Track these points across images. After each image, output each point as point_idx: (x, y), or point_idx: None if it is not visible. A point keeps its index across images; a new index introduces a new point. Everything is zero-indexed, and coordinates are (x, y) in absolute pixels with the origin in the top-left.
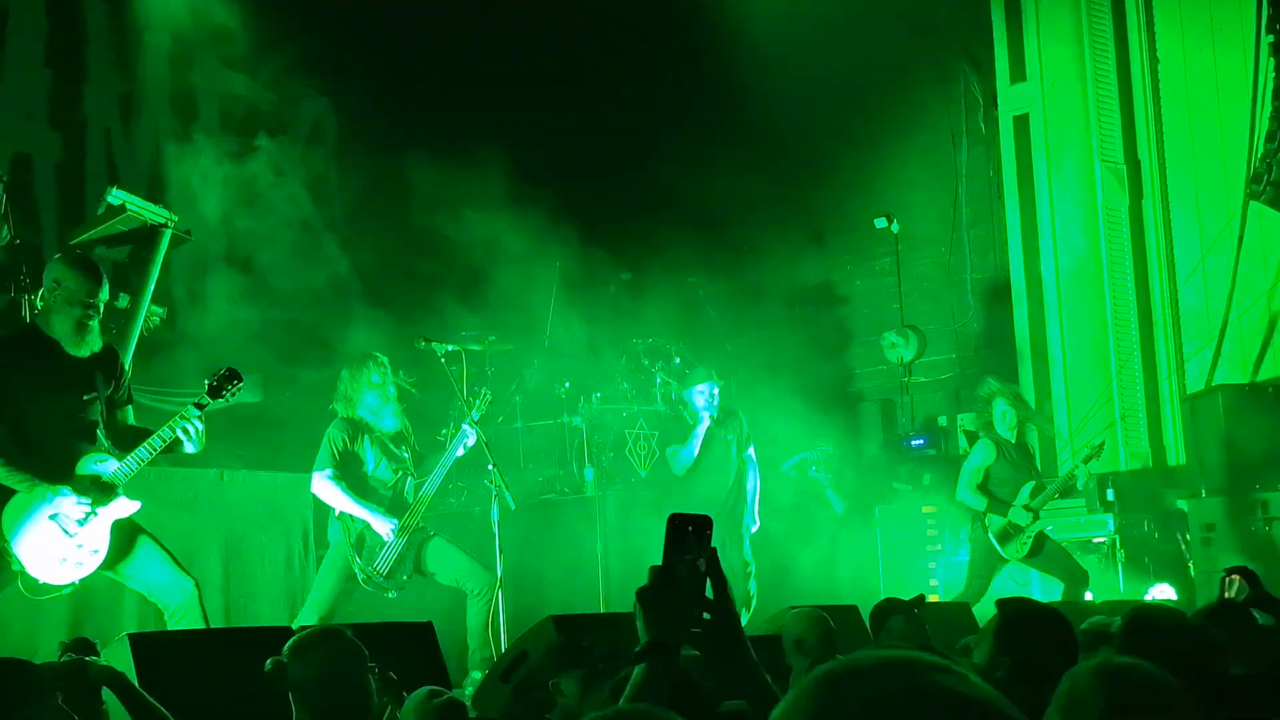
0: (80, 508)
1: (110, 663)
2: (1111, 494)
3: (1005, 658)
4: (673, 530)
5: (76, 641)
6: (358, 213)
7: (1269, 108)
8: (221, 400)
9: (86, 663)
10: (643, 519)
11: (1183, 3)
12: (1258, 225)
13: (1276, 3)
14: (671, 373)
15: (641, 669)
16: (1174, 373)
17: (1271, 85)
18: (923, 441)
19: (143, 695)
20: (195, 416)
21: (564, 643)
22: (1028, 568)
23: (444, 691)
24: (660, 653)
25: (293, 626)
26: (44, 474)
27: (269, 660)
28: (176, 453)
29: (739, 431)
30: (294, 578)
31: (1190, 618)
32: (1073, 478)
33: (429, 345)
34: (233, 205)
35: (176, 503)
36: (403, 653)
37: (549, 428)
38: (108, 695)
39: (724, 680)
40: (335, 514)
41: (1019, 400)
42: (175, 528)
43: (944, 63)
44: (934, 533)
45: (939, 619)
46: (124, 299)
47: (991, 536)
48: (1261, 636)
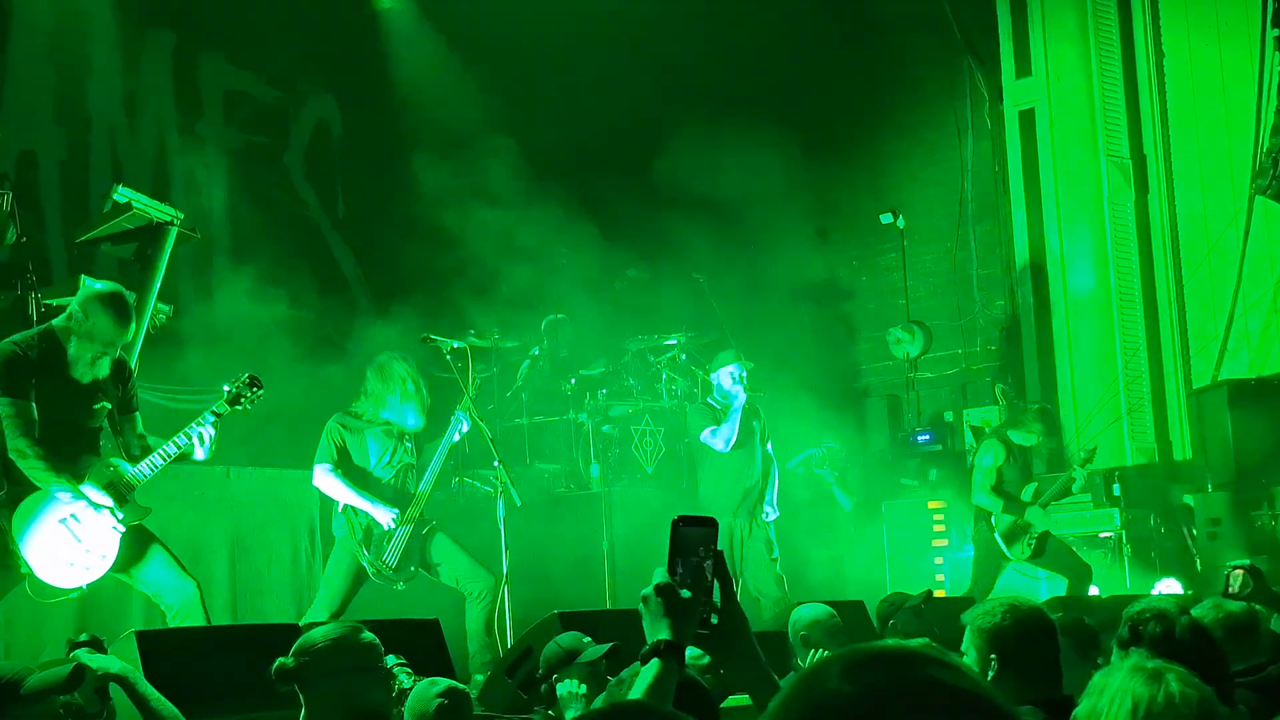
0: (97, 509)
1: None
2: (1118, 489)
3: (994, 657)
4: (677, 533)
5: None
6: (363, 208)
7: (1274, 102)
8: (239, 408)
9: (85, 668)
10: (648, 515)
11: None
12: (1263, 220)
13: None
14: (677, 369)
15: (649, 668)
16: (1180, 367)
17: (1277, 80)
18: (929, 437)
19: (151, 691)
20: (211, 423)
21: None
22: (1034, 565)
23: (447, 681)
24: (667, 653)
25: (300, 624)
26: (64, 476)
27: (279, 660)
28: (188, 458)
29: (762, 423)
30: (301, 574)
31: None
32: (1070, 480)
33: (433, 341)
34: (238, 202)
35: (183, 500)
36: (410, 649)
37: (554, 424)
38: (115, 691)
39: (730, 679)
40: (339, 509)
41: (1053, 434)
42: (182, 525)
43: (949, 58)
44: (941, 528)
45: (945, 614)
46: (130, 297)
47: (997, 536)
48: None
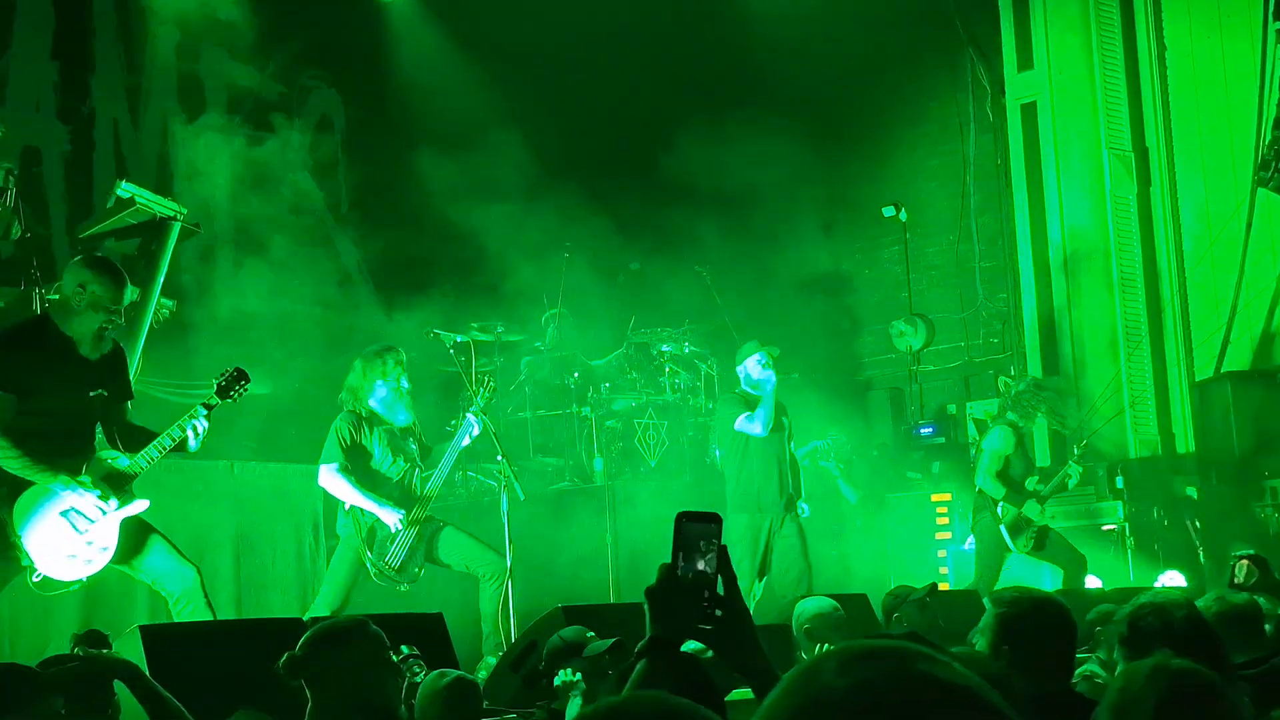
0: (96, 500)
1: (121, 655)
2: (1121, 481)
3: (1006, 647)
4: (681, 527)
5: (89, 634)
6: (366, 203)
7: (1276, 95)
8: (229, 400)
9: (89, 664)
10: (652, 508)
11: None
12: (1265, 212)
13: None
14: (680, 362)
15: (643, 664)
16: (1182, 360)
17: (1279, 73)
18: (932, 430)
19: (155, 687)
20: (203, 416)
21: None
22: (1038, 559)
23: (456, 672)
24: (661, 650)
25: (304, 619)
26: (61, 468)
27: (288, 653)
28: (180, 451)
29: (790, 421)
30: (305, 568)
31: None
32: (1066, 476)
33: (437, 336)
34: (241, 197)
35: (187, 494)
36: (414, 643)
37: (558, 418)
38: (120, 687)
39: (733, 674)
40: (344, 508)
41: (1060, 418)
42: (187, 519)
43: (951, 51)
44: (944, 521)
45: (950, 608)
46: (134, 292)
47: (1003, 527)
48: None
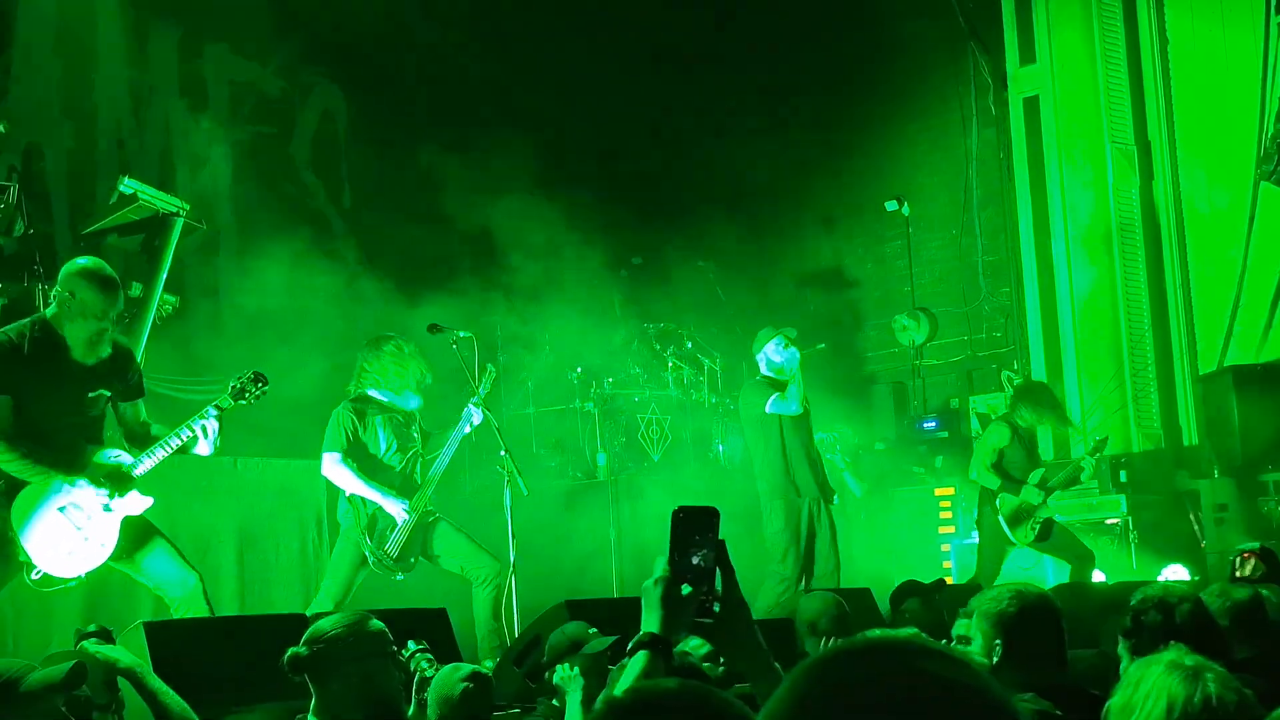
0: (98, 498)
1: (126, 650)
2: (1124, 475)
3: (998, 643)
4: (678, 522)
5: (95, 630)
6: (369, 198)
7: (1279, 89)
8: (243, 403)
9: (85, 665)
10: (655, 503)
11: None
12: (1268, 206)
13: None
14: (683, 357)
15: (636, 660)
16: (1186, 353)
17: None
18: (935, 424)
19: (159, 685)
20: (213, 417)
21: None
22: (1040, 551)
23: (471, 666)
24: (653, 646)
25: (307, 613)
26: (60, 467)
27: (291, 650)
28: (189, 452)
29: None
30: (308, 563)
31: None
32: (1078, 469)
33: (440, 330)
34: (244, 193)
35: (190, 490)
36: (418, 638)
37: (561, 413)
38: (123, 683)
39: (733, 668)
40: (345, 496)
41: (1064, 420)
42: (189, 515)
43: (953, 45)
44: (947, 515)
45: (955, 602)
46: (137, 288)
47: (1001, 519)
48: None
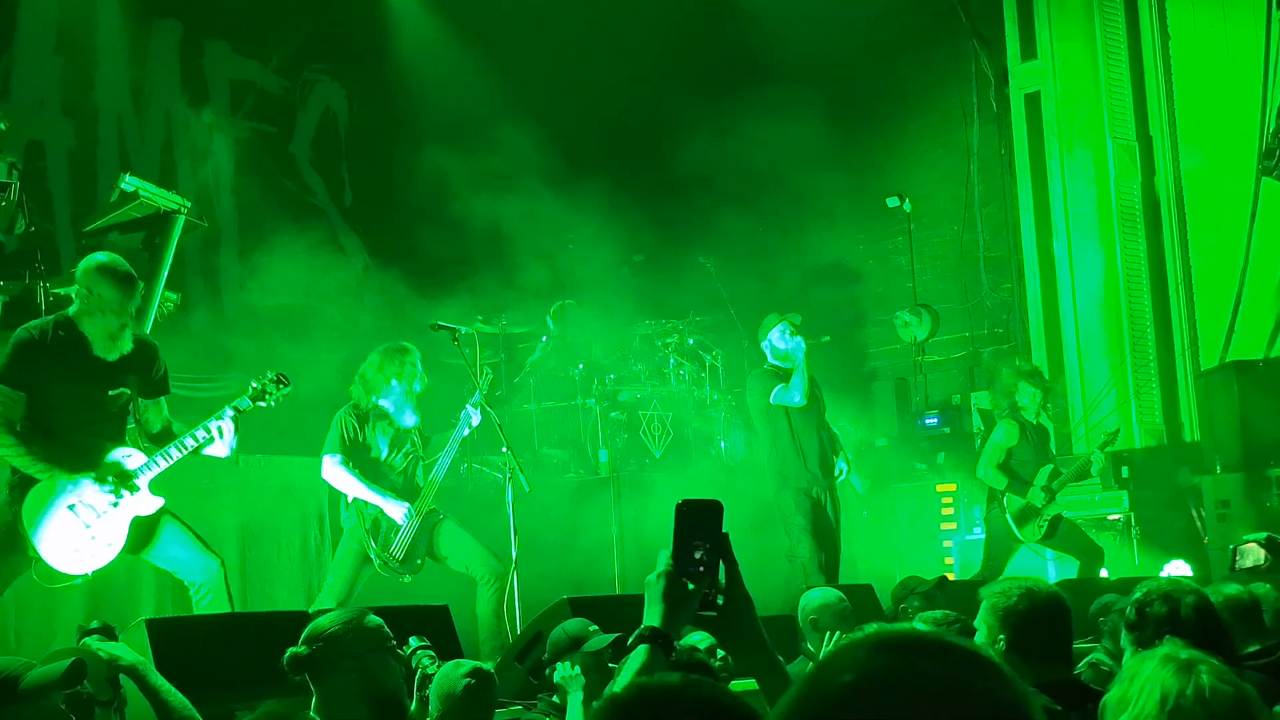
0: (104, 496)
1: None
2: (1126, 471)
3: (1004, 635)
4: (681, 516)
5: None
6: (370, 196)
7: None
8: (262, 404)
9: (85, 663)
10: (657, 499)
11: None
12: (1270, 201)
13: None
14: (685, 353)
15: (636, 654)
16: (1187, 349)
17: None
18: (937, 420)
19: (161, 682)
20: (229, 418)
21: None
22: (1043, 547)
23: (473, 662)
24: (654, 640)
25: (309, 611)
26: (69, 464)
27: (291, 649)
28: (202, 453)
29: (819, 393)
30: (310, 561)
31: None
32: (1089, 463)
33: (441, 328)
34: (245, 190)
35: (193, 488)
36: (420, 635)
37: (563, 410)
38: (125, 680)
39: (736, 662)
40: (346, 500)
41: (1041, 380)
42: (192, 513)
43: (955, 41)
44: (949, 511)
45: (957, 598)
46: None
47: (1009, 518)
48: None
